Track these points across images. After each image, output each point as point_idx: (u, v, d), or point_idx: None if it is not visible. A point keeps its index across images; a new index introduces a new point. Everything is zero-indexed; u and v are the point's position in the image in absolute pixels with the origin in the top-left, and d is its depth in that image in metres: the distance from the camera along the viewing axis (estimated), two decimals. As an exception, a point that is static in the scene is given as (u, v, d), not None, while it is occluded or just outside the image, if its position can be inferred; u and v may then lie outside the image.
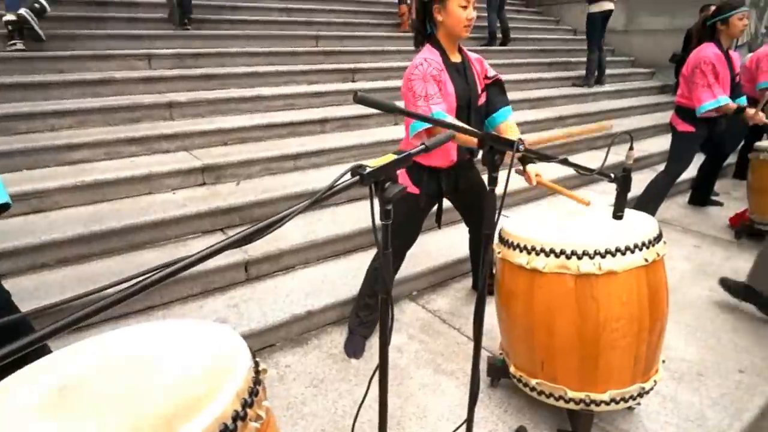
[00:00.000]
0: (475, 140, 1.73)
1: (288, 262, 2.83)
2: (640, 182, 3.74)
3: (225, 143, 3.72)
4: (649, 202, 3.55)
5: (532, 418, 1.93)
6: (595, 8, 6.16)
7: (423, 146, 0.97)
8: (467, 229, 2.58)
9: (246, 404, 0.78)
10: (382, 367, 1.05)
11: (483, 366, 2.10)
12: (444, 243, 3.11)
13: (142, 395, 0.79)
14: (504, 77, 2.26)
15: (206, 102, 3.97)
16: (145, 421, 0.73)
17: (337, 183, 0.83)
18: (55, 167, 3.08)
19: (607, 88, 6.70)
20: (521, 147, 1.12)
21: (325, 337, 2.50)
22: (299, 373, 2.23)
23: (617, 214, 1.47)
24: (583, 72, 6.77)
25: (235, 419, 0.75)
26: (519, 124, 5.36)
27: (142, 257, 2.63)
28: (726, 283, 2.69)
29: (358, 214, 3.19)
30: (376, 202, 0.95)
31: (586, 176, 1.41)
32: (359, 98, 0.86)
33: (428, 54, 1.97)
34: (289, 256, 2.82)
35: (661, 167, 3.72)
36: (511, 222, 1.84)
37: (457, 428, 1.62)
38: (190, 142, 3.58)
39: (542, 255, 1.61)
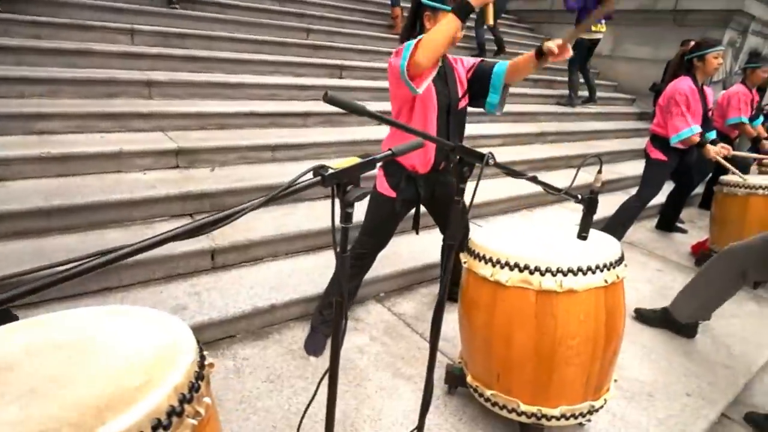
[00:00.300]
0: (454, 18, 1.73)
1: (256, 253, 2.79)
2: (612, 203, 3.83)
3: (203, 128, 3.65)
4: (619, 224, 3.65)
5: (485, 429, 1.94)
6: (584, 35, 6.34)
7: (389, 152, 0.97)
8: (441, 236, 2.58)
9: (184, 399, 0.75)
10: (332, 371, 1.04)
11: (442, 373, 2.11)
12: (416, 246, 3.11)
13: (75, 382, 0.76)
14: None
15: (188, 84, 3.90)
16: (73, 410, 0.69)
17: (297, 182, 0.81)
18: (21, 136, 2.96)
19: (590, 109, 6.84)
20: (491, 161, 1.12)
21: (287, 332, 2.47)
22: (256, 367, 2.20)
23: (582, 235, 1.49)
24: (565, 91, 6.91)
25: (170, 414, 0.72)
26: (500, 137, 5.41)
27: (105, 237, 2.56)
28: (640, 313, 2.80)
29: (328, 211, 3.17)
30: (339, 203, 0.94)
31: (556, 195, 1.42)
32: (329, 98, 0.84)
33: None
34: (258, 248, 2.79)
35: (634, 190, 3.82)
36: (480, 233, 1.85)
37: (408, 434, 1.62)
38: (166, 123, 3.50)
39: (506, 268, 1.62)
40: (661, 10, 7.35)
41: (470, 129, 2.27)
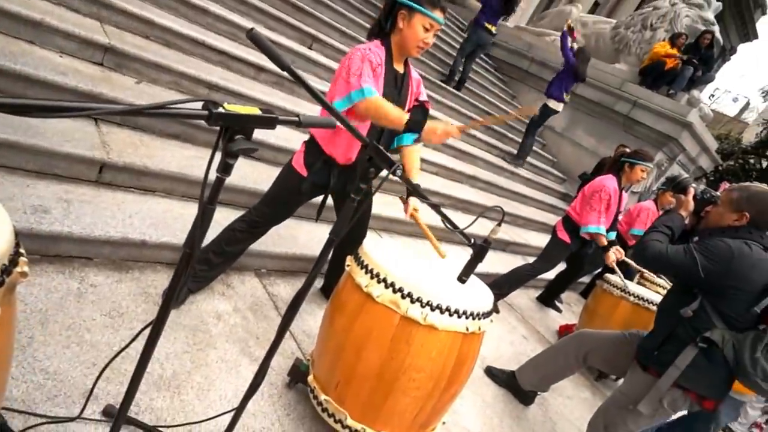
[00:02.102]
0: (402, 122, 1.75)
1: (149, 183, 2.60)
2: (508, 263, 4.03)
3: (146, 36, 3.37)
4: (505, 284, 3.83)
5: (308, 431, 1.92)
6: (552, 104, 6.73)
7: (296, 119, 0.92)
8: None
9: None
10: (157, 325, 0.96)
11: (288, 364, 2.07)
12: (315, 235, 3.07)
13: None
14: (441, 116, 2.29)
15: (148, -14, 3.59)
16: None
17: (177, 105, 0.73)
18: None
19: (524, 173, 7.19)
20: (398, 172, 1.11)
21: (150, 273, 2.31)
22: (102, 298, 2.02)
23: (462, 278, 1.52)
24: (512, 150, 7.24)
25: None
26: (436, 166, 5.49)
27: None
28: (490, 371, 2.97)
29: (253, 175, 3.04)
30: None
31: (452, 231, 1.44)
32: (252, 35, 0.77)
33: (374, 47, 1.94)
34: (153, 179, 2.60)
35: (531, 259, 4.05)
36: (373, 243, 1.84)
37: (225, 413, 1.56)
38: (107, 15, 3.19)
39: (381, 285, 1.63)
40: (617, 112, 7.95)
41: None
